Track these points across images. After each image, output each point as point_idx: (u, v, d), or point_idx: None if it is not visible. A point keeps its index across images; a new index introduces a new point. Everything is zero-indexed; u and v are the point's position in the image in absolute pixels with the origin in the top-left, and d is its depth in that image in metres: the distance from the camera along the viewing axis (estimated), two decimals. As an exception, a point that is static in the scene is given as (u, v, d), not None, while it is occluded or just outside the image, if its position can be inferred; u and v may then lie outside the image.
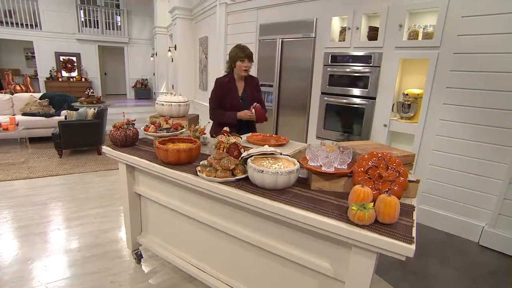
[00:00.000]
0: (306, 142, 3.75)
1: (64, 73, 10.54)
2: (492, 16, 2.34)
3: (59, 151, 4.63)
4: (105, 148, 1.94)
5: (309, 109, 3.66)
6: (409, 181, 1.25)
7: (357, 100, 3.20)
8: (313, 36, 3.49)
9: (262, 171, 1.23)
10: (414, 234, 0.97)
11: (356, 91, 3.20)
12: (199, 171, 1.44)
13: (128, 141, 1.93)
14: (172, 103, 2.03)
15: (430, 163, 2.81)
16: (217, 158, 1.41)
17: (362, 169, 1.22)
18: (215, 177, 1.36)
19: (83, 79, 10.76)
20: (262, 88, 4.17)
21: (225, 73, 2.46)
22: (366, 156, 1.25)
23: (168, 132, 1.83)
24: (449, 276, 2.20)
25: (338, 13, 3.29)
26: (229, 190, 1.30)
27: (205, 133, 1.90)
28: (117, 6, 11.41)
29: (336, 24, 3.39)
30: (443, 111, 2.68)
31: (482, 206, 2.61)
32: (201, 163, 1.50)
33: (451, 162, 2.70)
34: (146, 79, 12.15)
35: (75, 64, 10.70)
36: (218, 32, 4.77)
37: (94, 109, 5.01)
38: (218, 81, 2.41)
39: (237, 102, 2.41)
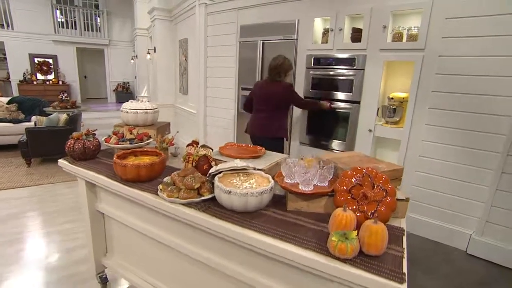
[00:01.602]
0: (289, 148, 3.60)
1: (40, 76, 10.03)
2: (476, 18, 2.26)
3: (27, 160, 4.30)
4: (61, 162, 1.73)
5: (292, 113, 3.51)
6: (398, 199, 1.11)
7: (341, 104, 3.07)
8: (295, 37, 3.35)
9: (230, 192, 1.06)
10: (405, 269, 0.83)
11: (340, 95, 3.08)
12: (160, 190, 1.25)
13: (88, 153, 1.73)
14: (138, 111, 1.83)
15: (416, 169, 2.71)
16: (181, 175, 1.23)
17: (344, 187, 1.07)
18: (177, 197, 1.18)
19: (60, 82, 10.27)
20: (244, 91, 4.05)
21: (278, 81, 2.83)
22: (349, 172, 1.10)
23: (132, 143, 1.64)
24: (437, 286, 2.10)
25: (320, 14, 3.17)
26: (192, 214, 1.12)
27: (173, 144, 1.71)
28: (96, 6, 11.01)
29: (319, 25, 3.27)
30: (428, 116, 2.59)
31: (469, 214, 2.53)
32: (164, 180, 1.32)
33: (437, 168, 2.61)
34: (128, 82, 11.76)
35: (52, 66, 10.22)
36: (198, 33, 4.57)
37: (68, 114, 4.70)
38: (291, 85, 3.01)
39: None
